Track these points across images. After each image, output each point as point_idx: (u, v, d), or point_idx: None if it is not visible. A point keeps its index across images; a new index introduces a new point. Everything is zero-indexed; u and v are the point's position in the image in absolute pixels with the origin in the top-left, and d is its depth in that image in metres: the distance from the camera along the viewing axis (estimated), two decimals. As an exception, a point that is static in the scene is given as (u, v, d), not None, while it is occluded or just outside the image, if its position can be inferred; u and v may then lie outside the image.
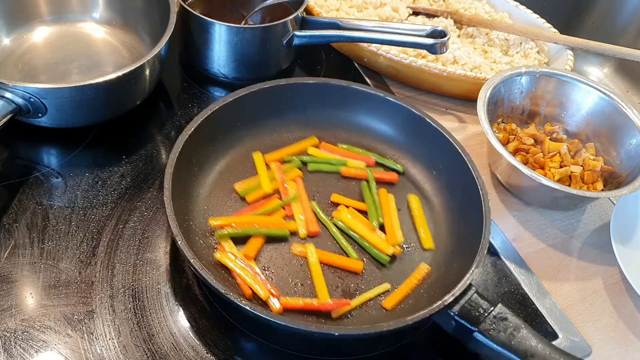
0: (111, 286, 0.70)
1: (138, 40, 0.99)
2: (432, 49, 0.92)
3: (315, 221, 0.79)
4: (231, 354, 0.67)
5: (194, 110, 0.94)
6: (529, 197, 0.90)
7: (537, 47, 1.13)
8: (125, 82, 0.81)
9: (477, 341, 0.64)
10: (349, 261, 0.75)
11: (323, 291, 0.71)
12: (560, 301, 0.79)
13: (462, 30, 1.15)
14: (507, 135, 0.94)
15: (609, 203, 0.94)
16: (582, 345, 0.75)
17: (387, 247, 0.76)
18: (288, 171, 0.83)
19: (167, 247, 0.75)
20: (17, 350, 0.64)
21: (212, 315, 0.70)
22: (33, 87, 0.75)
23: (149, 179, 0.82)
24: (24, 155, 0.83)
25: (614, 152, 0.92)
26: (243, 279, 0.70)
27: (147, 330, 0.67)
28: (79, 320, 0.67)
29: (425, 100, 1.05)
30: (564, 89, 0.96)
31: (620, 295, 0.82)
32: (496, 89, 0.91)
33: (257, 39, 0.93)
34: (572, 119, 0.97)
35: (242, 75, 0.97)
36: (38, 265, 0.71)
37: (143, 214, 0.78)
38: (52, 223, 0.75)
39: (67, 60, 0.94)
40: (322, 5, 1.10)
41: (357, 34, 0.95)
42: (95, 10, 1.00)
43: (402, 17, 1.13)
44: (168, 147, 0.87)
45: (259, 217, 0.77)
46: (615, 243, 0.81)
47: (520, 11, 1.18)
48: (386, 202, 0.83)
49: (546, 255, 0.85)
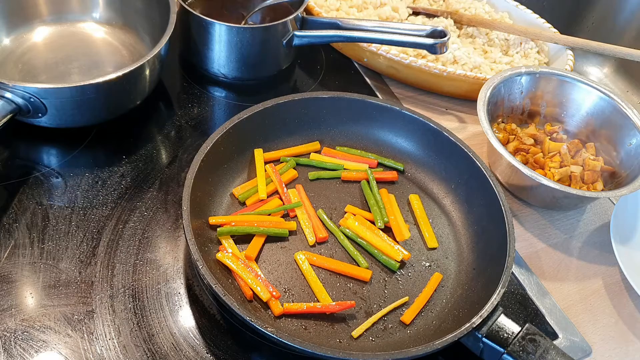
0: (111, 286, 0.70)
1: (138, 40, 0.99)
2: (432, 49, 0.92)
3: (322, 227, 0.79)
4: (231, 354, 0.67)
5: (194, 110, 0.94)
6: (529, 197, 0.90)
7: (537, 47, 1.13)
8: (125, 82, 0.81)
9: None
10: (357, 270, 0.75)
11: (323, 295, 0.71)
12: (560, 301, 0.79)
13: (462, 30, 1.15)
14: (507, 135, 0.94)
15: (609, 203, 0.94)
16: (582, 345, 0.75)
17: (396, 254, 0.76)
18: (284, 172, 0.83)
19: (167, 247, 0.75)
20: (17, 350, 0.64)
21: (212, 315, 0.70)
22: (33, 87, 0.75)
23: (149, 179, 0.82)
24: (24, 155, 0.83)
25: (614, 152, 0.92)
26: (244, 280, 0.70)
27: (147, 330, 0.67)
28: (79, 320, 0.67)
29: (425, 100, 1.05)
30: (564, 89, 0.96)
31: (620, 295, 0.82)
32: (496, 89, 0.91)
33: (257, 39, 0.93)
34: (572, 119, 0.97)
35: (242, 75, 0.97)
36: (38, 265, 0.71)
37: (143, 214, 0.78)
38: (52, 223, 0.75)
39: (67, 60, 0.94)
40: (322, 5, 1.11)
41: (357, 34, 0.95)
42: (95, 10, 1.00)
43: (402, 17, 1.13)
44: (168, 147, 0.88)
45: (259, 216, 0.77)
46: (615, 243, 0.81)
47: (520, 11, 1.18)
48: (388, 201, 0.83)
49: (546, 255, 0.85)
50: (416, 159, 0.88)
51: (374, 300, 0.73)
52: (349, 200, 0.83)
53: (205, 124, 0.92)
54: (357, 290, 0.74)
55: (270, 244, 0.77)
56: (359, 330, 0.69)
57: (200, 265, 0.65)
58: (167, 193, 0.81)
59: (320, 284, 0.73)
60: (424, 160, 0.88)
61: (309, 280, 0.73)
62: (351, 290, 0.74)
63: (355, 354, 0.63)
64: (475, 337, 0.65)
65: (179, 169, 0.84)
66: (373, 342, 0.69)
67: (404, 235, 0.79)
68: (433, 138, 0.86)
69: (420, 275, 0.76)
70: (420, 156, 0.88)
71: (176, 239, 0.76)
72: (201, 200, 0.75)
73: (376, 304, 0.73)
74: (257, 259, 0.75)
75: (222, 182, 0.80)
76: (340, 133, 0.90)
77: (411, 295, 0.74)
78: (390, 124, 0.88)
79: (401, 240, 0.79)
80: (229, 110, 0.96)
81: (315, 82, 1.03)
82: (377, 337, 0.70)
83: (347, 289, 0.74)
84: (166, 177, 0.83)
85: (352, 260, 0.77)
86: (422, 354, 0.62)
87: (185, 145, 0.88)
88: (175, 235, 0.77)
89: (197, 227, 0.71)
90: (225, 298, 0.62)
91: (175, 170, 0.84)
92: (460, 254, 0.79)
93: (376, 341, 0.69)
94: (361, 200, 0.84)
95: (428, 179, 0.87)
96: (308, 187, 0.84)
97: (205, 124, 0.92)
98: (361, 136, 0.90)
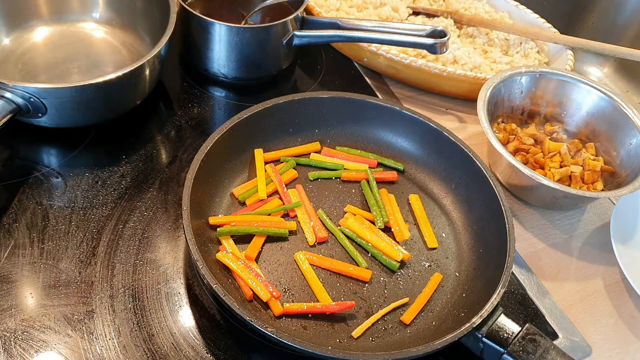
0: (111, 286, 0.70)
1: (138, 40, 0.99)
2: (432, 49, 0.92)
3: (322, 227, 0.79)
4: (231, 354, 0.67)
5: (194, 110, 0.94)
6: (529, 197, 0.90)
7: (537, 47, 1.13)
8: (125, 82, 0.81)
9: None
10: (357, 270, 0.75)
11: (323, 295, 0.71)
12: (560, 301, 0.79)
13: (462, 30, 1.15)
14: (507, 135, 0.94)
15: (609, 203, 0.94)
16: (582, 345, 0.75)
17: (396, 254, 0.76)
18: (284, 172, 0.83)
19: (167, 247, 0.75)
20: (17, 350, 0.64)
21: (212, 315, 0.70)
22: (33, 87, 0.75)
23: (149, 179, 0.82)
24: (24, 155, 0.83)
25: (614, 152, 0.92)
26: (244, 280, 0.70)
27: (147, 330, 0.67)
28: (79, 320, 0.67)
29: (425, 100, 1.05)
30: (564, 89, 0.96)
31: (620, 295, 0.82)
32: (496, 89, 0.91)
33: (257, 39, 0.93)
34: (572, 119, 0.97)
35: (242, 75, 0.97)
36: (38, 265, 0.71)
37: (143, 214, 0.78)
38: (52, 223, 0.75)
39: (67, 60, 0.94)
40: (322, 5, 1.11)
41: (357, 34, 0.95)
42: (95, 10, 1.00)
43: (402, 17, 1.13)
44: (168, 147, 0.88)
45: (259, 216, 0.77)
46: (615, 243, 0.81)
47: (520, 11, 1.18)
48: (388, 201, 0.83)
49: (546, 255, 0.85)
50: (416, 159, 0.88)
51: (374, 300, 0.73)
52: (349, 200, 0.83)
53: (205, 124, 0.92)
54: (357, 290, 0.74)
55: (270, 244, 0.77)
56: (359, 330, 0.69)
57: (200, 265, 0.65)
58: (167, 193, 0.81)
59: (320, 284, 0.73)
60: (424, 160, 0.87)
61: (309, 280, 0.73)
62: (351, 290, 0.74)
63: (355, 354, 0.63)
64: (475, 337, 0.65)
65: (179, 169, 0.84)
66: (373, 342, 0.69)
67: (404, 235, 0.79)
68: (433, 138, 0.86)
69: (420, 275, 0.76)
70: (420, 156, 0.88)
71: (176, 239, 0.76)
72: (201, 200, 0.75)
73: (376, 304, 0.73)
74: (257, 259, 0.75)
75: (222, 182, 0.80)
76: (340, 133, 0.90)
77: (411, 295, 0.74)
78: (390, 124, 0.88)
79: (401, 240, 0.79)
80: (229, 110, 0.96)
81: (315, 82, 1.03)
82: (377, 337, 0.70)
83: (347, 289, 0.74)
84: (166, 177, 0.83)
85: (352, 260, 0.77)
86: (422, 354, 0.62)
87: (185, 145, 0.88)
88: (175, 235, 0.77)
89: (197, 227, 0.71)
90: (225, 298, 0.62)
91: (175, 170, 0.84)
92: (460, 254, 0.79)
93: (376, 341, 0.69)
94: (361, 200, 0.84)
95: (428, 179, 0.87)
96: (308, 187, 0.84)
97: (205, 124, 0.92)
98: (361, 136, 0.90)
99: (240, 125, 0.81)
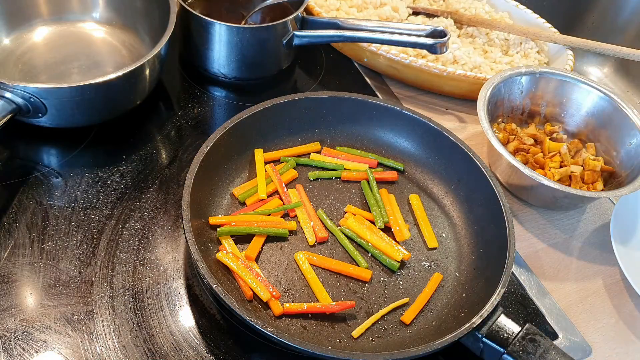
0: (111, 286, 0.70)
1: (138, 40, 0.99)
2: (432, 49, 0.92)
3: (322, 227, 0.79)
4: (231, 354, 0.67)
5: (193, 110, 0.94)
6: (529, 197, 0.90)
7: (537, 47, 1.13)
8: (125, 82, 0.81)
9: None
10: (357, 270, 0.75)
11: (323, 295, 0.71)
12: (560, 301, 0.79)
13: (462, 30, 1.15)
14: (507, 135, 0.94)
15: (609, 203, 0.94)
16: (582, 345, 0.75)
17: (396, 254, 0.76)
18: (284, 172, 0.83)
19: (167, 247, 0.75)
20: (17, 350, 0.64)
21: (212, 315, 0.70)
22: (33, 87, 0.75)
23: (149, 179, 0.82)
24: (24, 155, 0.83)
25: (614, 152, 0.92)
26: (244, 280, 0.70)
27: (147, 330, 0.67)
28: (79, 320, 0.67)
29: (425, 100, 1.05)
30: (564, 89, 0.96)
31: (620, 295, 0.82)
32: (496, 89, 0.91)
33: (257, 39, 0.93)
34: (572, 119, 0.97)
35: (242, 75, 0.97)
36: (38, 265, 0.71)
37: (143, 214, 0.78)
38: (52, 223, 0.75)
39: (67, 60, 0.94)
40: (322, 5, 1.11)
41: (357, 34, 0.95)
42: (95, 10, 1.00)
43: (402, 17, 1.13)
44: (168, 147, 0.88)
45: (259, 216, 0.77)
46: (615, 243, 0.81)
47: (520, 11, 1.18)
48: (388, 201, 0.83)
49: (546, 255, 0.85)
50: (416, 159, 0.88)
51: (374, 300, 0.73)
52: (349, 200, 0.83)
53: (205, 124, 0.92)
54: (357, 290, 0.74)
55: (270, 244, 0.77)
56: (359, 330, 0.69)
57: (200, 265, 0.65)
58: (167, 193, 0.81)
59: (320, 284, 0.73)
60: (424, 160, 0.87)
61: (309, 280, 0.73)
62: (351, 290, 0.74)
63: (355, 354, 0.63)
64: (475, 337, 0.65)
65: (179, 169, 0.84)
66: (373, 342, 0.69)
67: (404, 235, 0.79)
68: (433, 138, 0.86)
69: (420, 275, 0.76)
70: (420, 156, 0.88)
71: (176, 239, 0.76)
72: (201, 200, 0.75)
73: (376, 304, 0.73)
74: (257, 259, 0.75)
75: (222, 182, 0.80)
76: (340, 133, 0.90)
77: (411, 295, 0.74)
78: (390, 124, 0.88)
79: (401, 240, 0.79)
80: (229, 110, 0.96)
81: (315, 82, 1.03)
82: (377, 337, 0.70)
83: (347, 289, 0.74)
84: (166, 177, 0.83)
85: (352, 260, 0.77)
86: (422, 354, 0.62)
87: (185, 145, 0.88)
88: (175, 235, 0.77)
89: (197, 227, 0.71)
90: (225, 298, 0.62)
91: (175, 170, 0.84)
92: (460, 254, 0.79)
93: (376, 341, 0.69)
94: (361, 200, 0.84)
95: (428, 179, 0.87)
96: (308, 187, 0.84)
97: (205, 124, 0.92)
98: (361, 136, 0.90)
99: (240, 125, 0.81)
